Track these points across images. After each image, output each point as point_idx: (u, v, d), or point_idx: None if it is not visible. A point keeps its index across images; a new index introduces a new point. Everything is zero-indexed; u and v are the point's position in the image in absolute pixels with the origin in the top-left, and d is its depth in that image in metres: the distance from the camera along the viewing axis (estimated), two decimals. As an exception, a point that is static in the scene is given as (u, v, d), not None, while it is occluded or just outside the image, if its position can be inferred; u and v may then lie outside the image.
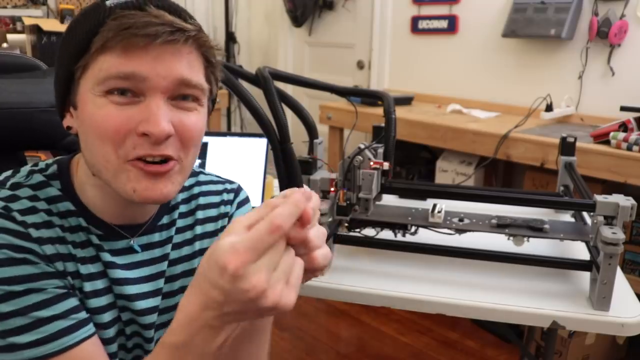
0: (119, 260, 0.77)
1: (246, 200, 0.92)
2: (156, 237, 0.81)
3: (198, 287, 0.57)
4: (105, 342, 0.76)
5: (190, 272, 0.84)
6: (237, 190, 0.91)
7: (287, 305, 0.55)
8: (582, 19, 2.49)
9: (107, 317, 0.76)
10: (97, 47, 0.66)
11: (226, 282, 0.53)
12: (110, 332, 0.77)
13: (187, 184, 0.87)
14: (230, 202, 0.89)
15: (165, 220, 0.83)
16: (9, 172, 0.76)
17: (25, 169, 0.76)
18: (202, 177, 0.90)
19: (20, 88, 1.01)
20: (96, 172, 0.71)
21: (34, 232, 0.69)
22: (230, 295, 0.54)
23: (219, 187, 0.90)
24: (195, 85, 0.70)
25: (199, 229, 0.86)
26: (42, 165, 0.77)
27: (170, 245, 0.83)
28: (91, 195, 0.75)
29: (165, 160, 0.69)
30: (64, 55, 0.71)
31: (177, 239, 0.84)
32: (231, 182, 0.92)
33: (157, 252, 0.81)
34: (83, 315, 0.71)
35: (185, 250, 0.85)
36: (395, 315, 2.59)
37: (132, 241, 0.78)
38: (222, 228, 0.88)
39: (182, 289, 0.83)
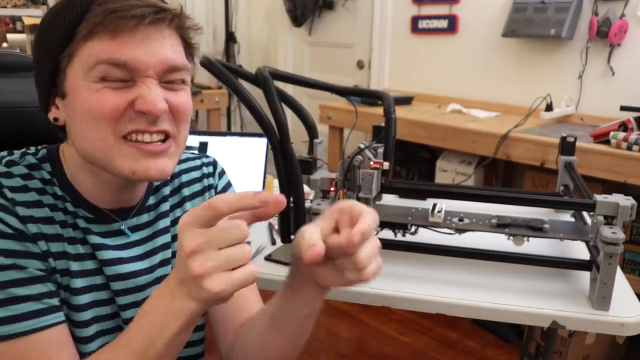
0: (110, 241, 0.79)
1: (223, 171, 0.97)
2: (144, 217, 0.84)
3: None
4: (103, 318, 0.78)
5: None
6: (214, 163, 0.96)
7: (210, 285, 0.57)
8: (582, 19, 2.49)
9: (100, 295, 0.78)
10: (84, 34, 0.68)
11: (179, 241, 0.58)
12: (108, 309, 0.79)
13: None
14: (211, 175, 0.94)
15: (151, 201, 0.85)
16: (4, 152, 0.78)
17: (18, 151, 0.78)
18: None
19: (23, 87, 1.01)
20: (89, 157, 0.73)
21: (22, 211, 0.71)
22: (179, 264, 0.59)
23: (197, 162, 0.93)
24: (182, 68, 0.73)
25: (188, 205, 0.90)
26: (32, 149, 0.79)
27: (161, 225, 0.86)
28: (83, 181, 0.77)
29: (164, 139, 0.72)
30: (45, 47, 0.72)
31: (171, 219, 0.87)
32: (206, 156, 0.96)
33: (146, 232, 0.84)
34: (55, 302, 0.72)
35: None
36: (395, 315, 2.59)
37: (122, 225, 0.80)
38: None
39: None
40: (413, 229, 1.25)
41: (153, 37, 0.70)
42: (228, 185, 0.97)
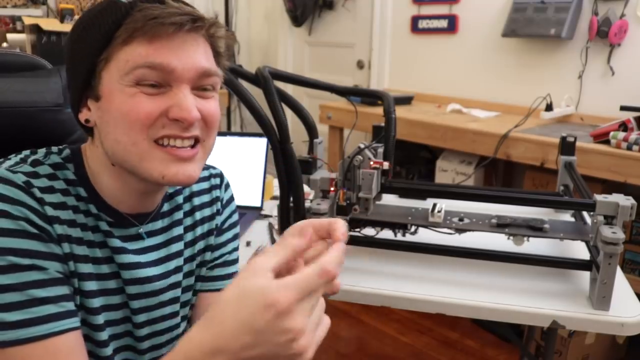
0: (129, 245, 0.80)
1: (228, 183, 0.98)
2: (159, 224, 0.85)
3: (219, 326, 0.55)
4: (114, 323, 0.79)
5: (193, 258, 0.89)
6: (221, 175, 0.97)
7: (309, 356, 0.56)
8: (582, 19, 2.49)
9: (113, 300, 0.78)
10: (123, 38, 0.69)
11: (270, 319, 0.52)
12: (119, 313, 0.79)
13: None
14: (218, 187, 0.94)
15: (165, 207, 0.86)
16: (27, 151, 0.78)
17: (42, 150, 0.78)
18: None
19: (25, 87, 1.01)
20: (120, 159, 0.73)
21: (50, 211, 0.71)
22: (265, 334, 0.53)
23: (205, 173, 0.94)
24: (213, 74, 0.75)
25: (198, 215, 0.90)
26: (55, 148, 0.79)
27: (175, 233, 0.86)
28: (106, 184, 0.77)
29: (193, 144, 0.74)
30: (82, 50, 0.73)
31: (183, 226, 0.88)
32: (213, 167, 0.96)
33: (160, 238, 0.84)
34: (71, 306, 0.71)
35: (189, 236, 0.89)
36: (395, 315, 2.59)
37: (140, 229, 0.81)
38: (218, 211, 0.93)
39: (189, 273, 0.88)
40: (413, 229, 1.25)
41: (189, 44, 0.72)
42: (231, 199, 0.97)
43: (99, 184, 0.77)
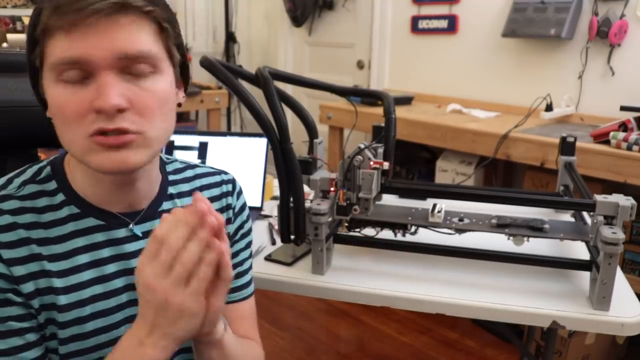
0: (117, 250, 0.79)
1: (241, 190, 0.96)
2: (156, 223, 0.82)
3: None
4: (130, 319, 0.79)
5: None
6: (233, 181, 0.95)
7: (190, 310, 0.64)
8: (582, 19, 2.49)
9: (123, 298, 0.79)
10: (40, 35, 0.68)
11: (139, 290, 0.65)
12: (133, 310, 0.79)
13: (188, 175, 0.90)
14: (230, 194, 0.92)
15: (165, 206, 0.84)
16: (4, 179, 0.77)
17: (17, 180, 0.77)
18: (199, 170, 0.92)
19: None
20: (72, 155, 0.73)
21: (5, 253, 0.70)
22: (147, 305, 0.65)
23: (217, 178, 0.92)
24: (142, 55, 0.69)
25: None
26: (34, 169, 0.78)
27: None
28: (80, 182, 0.77)
29: (123, 132, 0.69)
30: (26, 48, 0.72)
31: None
32: (225, 173, 0.95)
33: None
34: (30, 355, 0.71)
35: None
36: (395, 315, 2.59)
37: (131, 225, 0.80)
38: (227, 220, 0.90)
39: None
40: (413, 229, 1.25)
41: (112, 29, 0.66)
42: (244, 206, 0.95)
43: (79, 188, 0.77)
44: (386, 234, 1.26)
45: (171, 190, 0.86)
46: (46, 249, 0.73)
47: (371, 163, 1.15)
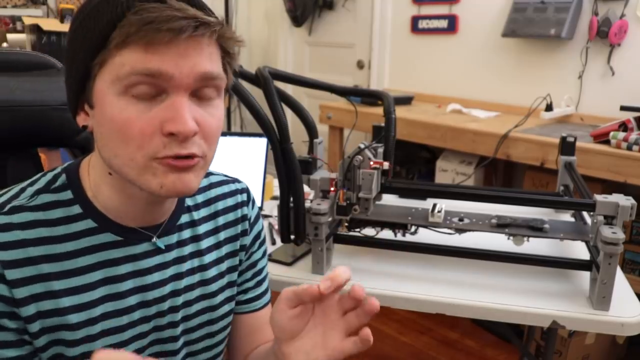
0: (135, 266, 0.77)
1: (254, 199, 0.94)
2: (175, 237, 0.81)
3: None
4: (138, 337, 0.78)
5: (220, 276, 0.87)
6: (247, 190, 0.93)
7: None
8: (582, 19, 2.49)
9: (135, 315, 0.77)
10: (117, 43, 0.63)
11: None
12: (145, 326, 0.78)
13: (202, 184, 0.87)
14: (246, 204, 0.91)
15: (182, 219, 0.82)
16: (17, 188, 0.74)
17: (30, 189, 0.73)
18: (213, 178, 0.90)
19: (34, 86, 1.02)
20: (117, 171, 0.69)
21: (10, 274, 0.68)
22: None
23: (231, 187, 0.90)
24: (216, 77, 0.68)
25: (222, 235, 0.87)
26: (48, 177, 0.75)
27: (193, 249, 0.83)
28: (107, 196, 0.74)
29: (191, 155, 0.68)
30: (77, 51, 0.67)
31: (204, 244, 0.85)
32: (239, 181, 0.93)
33: (174, 254, 0.81)
34: None
35: (215, 255, 0.86)
36: (395, 315, 2.59)
37: (154, 238, 0.77)
38: (243, 232, 0.90)
39: (220, 290, 0.87)
40: (413, 229, 1.25)
41: (191, 48, 0.65)
42: (259, 215, 0.94)
43: (99, 199, 0.74)
44: (386, 234, 1.26)
45: (188, 202, 0.84)
46: (56, 265, 0.71)
47: (371, 163, 1.15)
